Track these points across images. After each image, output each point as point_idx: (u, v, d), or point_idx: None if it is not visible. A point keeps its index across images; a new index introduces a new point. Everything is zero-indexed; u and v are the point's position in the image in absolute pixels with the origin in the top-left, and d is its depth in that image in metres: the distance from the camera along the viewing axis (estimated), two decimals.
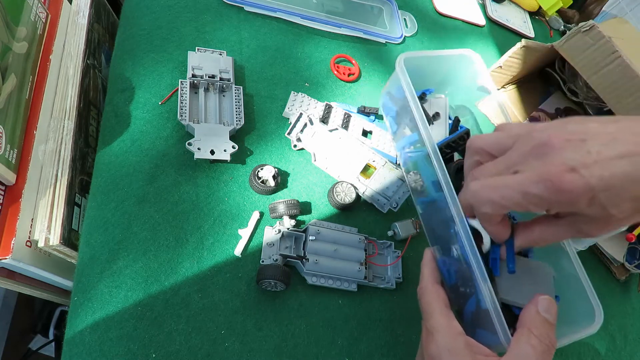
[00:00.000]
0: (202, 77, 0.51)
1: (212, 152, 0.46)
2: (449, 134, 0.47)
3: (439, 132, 0.47)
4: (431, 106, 0.50)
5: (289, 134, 0.52)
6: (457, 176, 0.41)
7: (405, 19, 0.76)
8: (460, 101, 0.53)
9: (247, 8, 0.62)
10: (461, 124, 0.50)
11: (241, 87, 0.53)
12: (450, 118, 0.49)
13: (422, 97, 0.49)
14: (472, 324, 0.36)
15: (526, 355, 0.29)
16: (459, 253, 0.37)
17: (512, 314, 0.36)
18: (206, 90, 0.52)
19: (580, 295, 0.38)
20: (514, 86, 0.72)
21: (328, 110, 0.54)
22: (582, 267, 0.39)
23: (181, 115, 0.48)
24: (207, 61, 0.52)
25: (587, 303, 0.37)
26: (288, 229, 0.45)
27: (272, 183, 0.47)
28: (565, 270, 0.39)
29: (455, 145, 0.44)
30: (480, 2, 0.94)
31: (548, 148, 0.28)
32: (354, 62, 0.65)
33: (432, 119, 0.49)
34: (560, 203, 0.28)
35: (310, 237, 0.45)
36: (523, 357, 0.29)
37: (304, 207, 0.50)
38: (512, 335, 0.32)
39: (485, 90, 0.48)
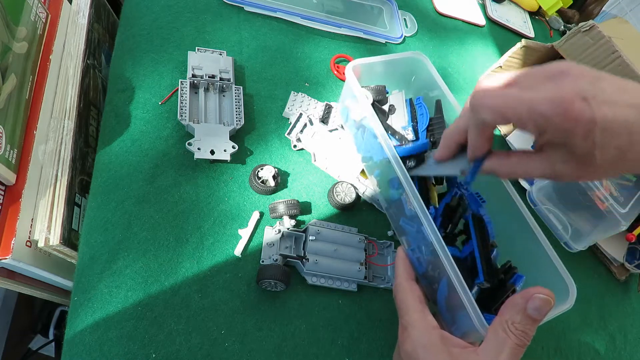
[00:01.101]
0: (202, 77, 0.51)
1: (212, 152, 0.46)
2: (434, 114, 0.48)
3: (398, 121, 0.48)
4: (388, 102, 0.51)
5: (289, 134, 0.52)
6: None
7: (405, 19, 0.76)
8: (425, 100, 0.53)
9: (247, 8, 0.62)
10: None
11: (241, 87, 0.53)
12: (408, 107, 0.50)
13: (380, 100, 0.50)
14: (448, 310, 0.36)
15: (500, 351, 0.29)
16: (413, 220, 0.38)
17: (488, 292, 0.37)
18: (206, 90, 0.52)
19: (552, 273, 0.38)
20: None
21: (328, 110, 0.54)
22: (549, 244, 0.39)
23: (181, 115, 0.48)
24: (207, 61, 0.52)
25: (560, 280, 0.37)
26: (288, 229, 0.45)
27: (272, 183, 0.47)
28: (536, 251, 0.39)
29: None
30: (480, 2, 0.94)
31: (565, 75, 0.29)
32: None
33: (388, 112, 0.50)
34: (559, 129, 0.28)
35: (310, 237, 0.45)
36: (497, 351, 0.29)
37: (304, 207, 0.50)
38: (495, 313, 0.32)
39: (438, 88, 0.49)
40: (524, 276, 0.38)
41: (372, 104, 0.47)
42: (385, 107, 0.50)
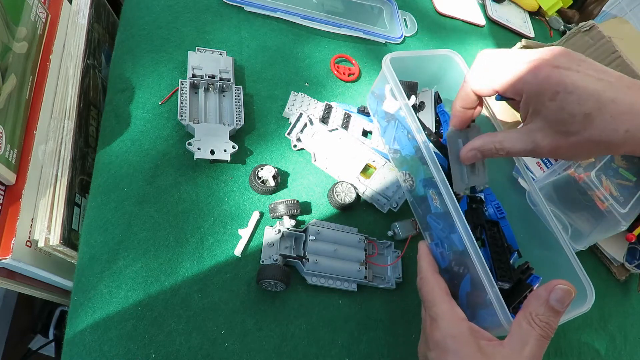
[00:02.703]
0: (202, 77, 0.51)
1: (212, 152, 0.46)
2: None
3: (426, 120, 0.49)
4: (417, 99, 0.52)
5: (289, 134, 0.52)
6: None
7: (405, 19, 0.76)
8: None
9: (247, 8, 0.62)
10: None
11: (241, 87, 0.53)
12: (437, 108, 0.51)
13: (410, 96, 0.51)
14: (469, 306, 0.37)
15: (526, 342, 0.30)
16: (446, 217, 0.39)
17: (506, 292, 0.37)
18: (206, 90, 0.52)
19: (570, 275, 0.38)
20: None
21: (328, 110, 0.54)
22: (572, 249, 0.40)
23: (181, 115, 0.48)
24: (207, 61, 0.52)
25: (578, 283, 0.38)
26: (288, 229, 0.45)
27: (272, 183, 0.47)
28: (556, 252, 0.40)
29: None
30: (480, 2, 0.94)
31: (550, 52, 0.34)
32: (354, 62, 0.65)
33: (418, 108, 0.50)
34: (532, 90, 0.33)
35: (310, 237, 0.45)
36: (523, 343, 0.30)
37: (304, 207, 0.50)
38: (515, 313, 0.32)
39: None
40: (541, 277, 0.39)
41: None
42: (414, 104, 0.50)
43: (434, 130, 0.48)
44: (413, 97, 0.49)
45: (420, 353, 0.37)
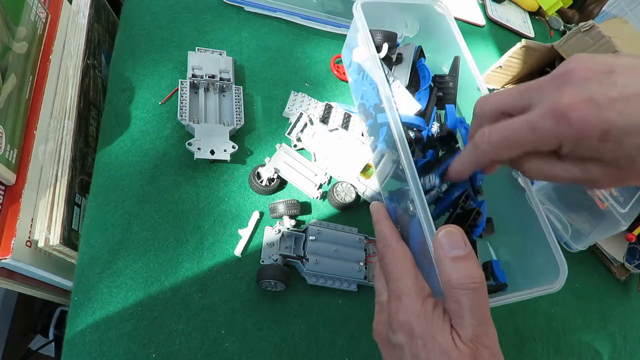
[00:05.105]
0: (202, 77, 0.51)
1: (212, 152, 0.46)
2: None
3: (401, 73, 0.46)
4: (396, 51, 0.48)
5: (289, 134, 0.52)
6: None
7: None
8: (440, 57, 0.50)
9: (247, 8, 0.62)
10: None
11: (241, 87, 0.53)
12: (417, 63, 0.47)
13: (391, 47, 0.47)
14: (420, 255, 0.33)
15: (456, 311, 0.27)
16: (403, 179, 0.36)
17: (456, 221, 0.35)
18: (206, 90, 0.52)
19: (545, 251, 0.36)
20: (514, 86, 0.72)
21: (328, 110, 0.54)
22: (548, 222, 0.37)
23: (181, 115, 0.48)
24: (207, 61, 0.52)
25: (552, 260, 0.36)
26: (288, 229, 0.45)
27: (272, 183, 0.47)
28: (532, 228, 0.38)
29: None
30: (480, 2, 0.94)
31: (568, 78, 0.25)
32: None
33: (395, 61, 0.46)
34: (571, 138, 0.25)
35: (310, 237, 0.45)
36: (454, 313, 0.27)
37: (304, 207, 0.50)
38: None
39: (457, 45, 0.46)
40: (485, 201, 0.37)
41: (376, 48, 0.43)
42: (390, 55, 0.47)
43: (407, 84, 0.44)
44: (386, 46, 0.44)
45: (377, 333, 0.32)
